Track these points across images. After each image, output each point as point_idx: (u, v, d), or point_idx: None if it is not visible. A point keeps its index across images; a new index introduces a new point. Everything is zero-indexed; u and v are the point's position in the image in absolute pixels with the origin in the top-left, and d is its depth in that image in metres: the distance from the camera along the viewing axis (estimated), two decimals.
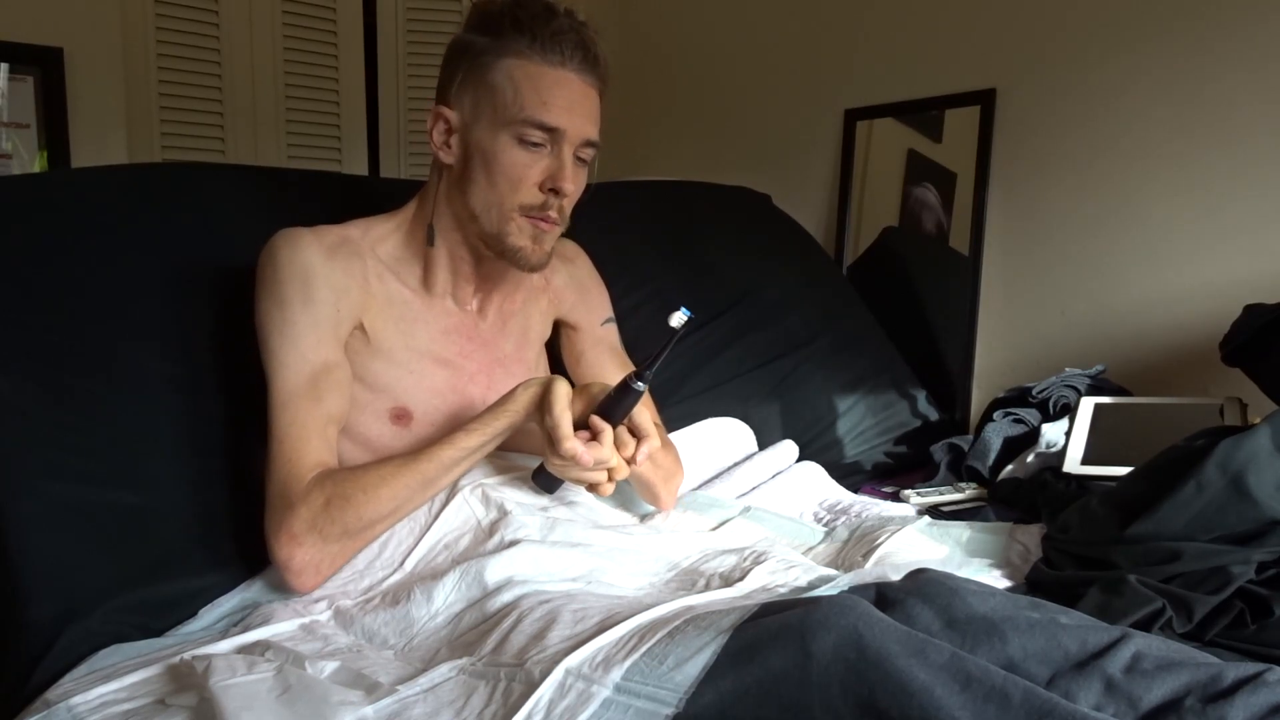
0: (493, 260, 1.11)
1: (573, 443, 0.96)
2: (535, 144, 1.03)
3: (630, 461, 1.01)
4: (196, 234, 1.19)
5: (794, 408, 1.66)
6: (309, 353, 1.01)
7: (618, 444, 1.00)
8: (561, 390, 0.97)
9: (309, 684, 0.75)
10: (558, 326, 1.28)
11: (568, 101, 1.03)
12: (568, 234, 1.31)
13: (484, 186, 1.05)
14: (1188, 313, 1.69)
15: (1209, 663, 0.69)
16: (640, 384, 1.00)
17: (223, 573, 1.01)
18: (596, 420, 0.99)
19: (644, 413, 1.03)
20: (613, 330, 1.30)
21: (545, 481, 1.06)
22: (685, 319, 0.99)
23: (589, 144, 1.07)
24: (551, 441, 0.97)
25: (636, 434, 1.02)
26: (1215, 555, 0.91)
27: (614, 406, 1.00)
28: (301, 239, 1.04)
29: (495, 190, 1.05)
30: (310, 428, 0.99)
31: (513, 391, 1.01)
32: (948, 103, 2.01)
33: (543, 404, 0.98)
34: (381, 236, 1.11)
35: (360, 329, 1.07)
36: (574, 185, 1.06)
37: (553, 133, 1.03)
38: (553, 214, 1.06)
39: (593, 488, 1.02)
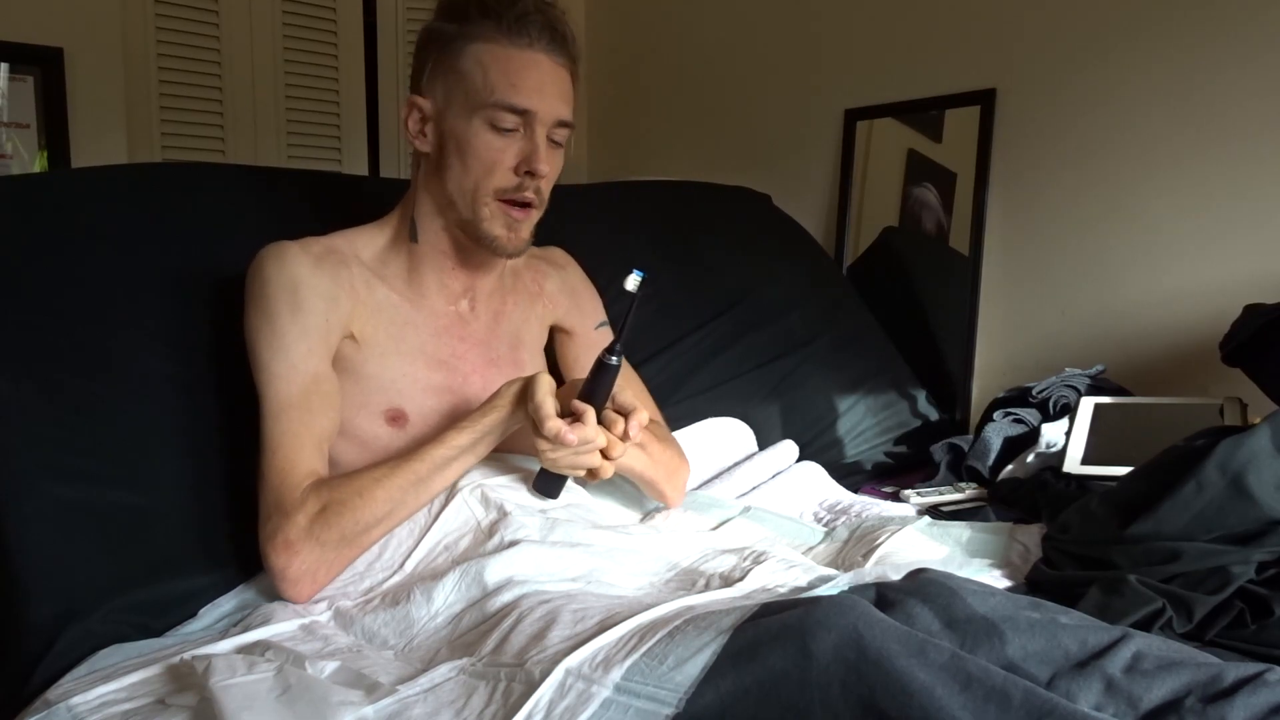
0: (474, 249, 1.11)
1: (555, 422, 0.95)
2: (508, 129, 1.04)
3: (624, 437, 1.00)
4: (196, 234, 1.19)
5: (794, 408, 1.66)
6: (300, 363, 1.01)
7: (607, 423, 1.00)
8: (543, 379, 0.98)
9: (309, 684, 0.75)
10: (553, 333, 1.28)
11: (538, 83, 1.03)
12: (559, 240, 1.31)
13: (459, 172, 1.05)
14: (1188, 313, 1.69)
15: (1209, 663, 0.69)
16: (613, 358, 0.99)
17: (223, 573, 1.02)
18: (577, 403, 0.99)
19: (625, 391, 1.03)
20: (606, 334, 1.29)
21: (546, 486, 1.05)
22: (640, 280, 0.97)
23: (562, 124, 1.07)
24: (535, 427, 0.96)
25: (622, 412, 1.02)
26: (1215, 555, 0.91)
27: (594, 388, 1.00)
28: (288, 252, 1.05)
29: (470, 175, 1.05)
30: (303, 437, 0.99)
31: (499, 389, 1.02)
32: (948, 103, 2.01)
33: (526, 391, 0.98)
34: (367, 244, 1.12)
35: (351, 337, 1.07)
36: (548, 166, 1.06)
37: (524, 115, 1.03)
38: (528, 195, 1.06)
39: (591, 475, 1.02)
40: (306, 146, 2.44)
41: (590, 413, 0.98)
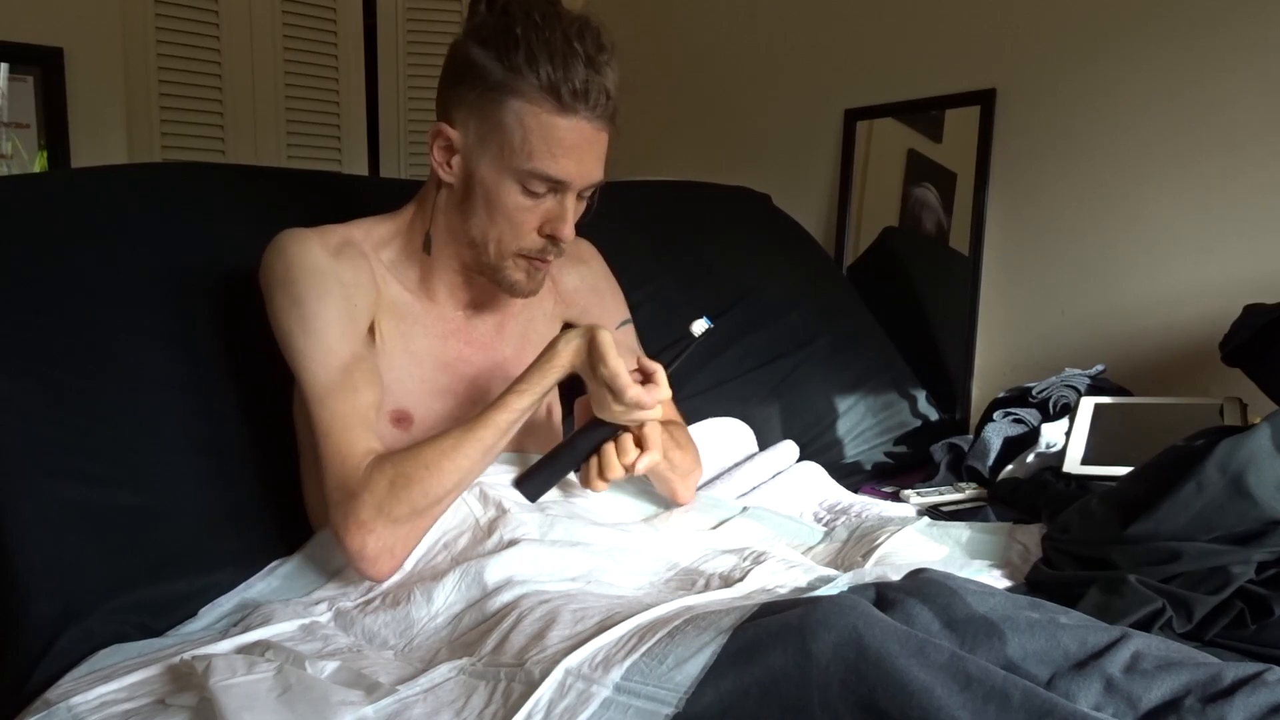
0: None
1: (637, 390, 0.97)
2: (539, 194, 1.02)
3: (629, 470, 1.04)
4: (196, 234, 1.19)
5: (794, 408, 1.66)
6: (335, 345, 1.00)
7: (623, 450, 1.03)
8: (608, 339, 0.98)
9: (309, 684, 0.75)
10: (568, 328, 1.27)
11: (577, 153, 1.00)
12: (578, 230, 1.30)
13: (483, 220, 1.04)
14: (1188, 313, 1.69)
15: (1209, 663, 0.69)
16: None
17: (223, 573, 1.01)
18: (645, 362, 1.02)
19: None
20: (630, 332, 1.28)
21: (530, 489, 1.06)
22: (706, 328, 1.02)
23: (592, 184, 1.06)
24: (613, 391, 0.98)
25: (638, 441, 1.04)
26: (1215, 555, 0.91)
27: None
28: (308, 238, 1.03)
29: (495, 227, 1.04)
30: (352, 417, 0.98)
31: (553, 347, 1.00)
32: (948, 103, 2.01)
33: (592, 354, 0.98)
34: (382, 239, 1.11)
35: (369, 330, 1.06)
36: (572, 230, 1.05)
37: (558, 183, 1.02)
38: (550, 256, 1.07)
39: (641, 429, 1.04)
40: (306, 146, 2.44)
41: (660, 371, 1.01)
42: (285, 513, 1.08)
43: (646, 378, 1.00)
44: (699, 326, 1.01)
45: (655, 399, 0.99)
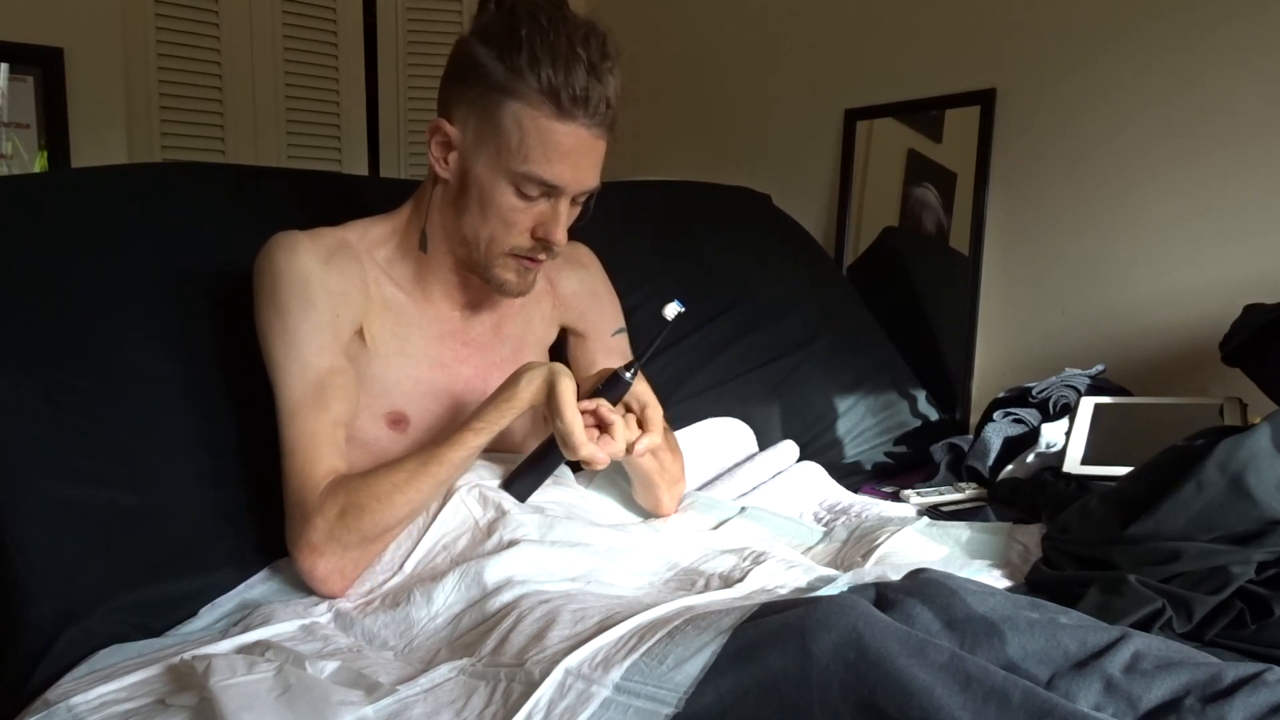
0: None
1: (590, 449, 0.96)
2: (533, 196, 1.01)
3: (629, 450, 1.01)
4: (196, 234, 1.19)
5: (794, 408, 1.66)
6: (312, 360, 1.00)
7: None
8: (568, 390, 0.96)
9: (309, 684, 0.75)
10: (564, 332, 1.27)
11: (573, 159, 1.00)
12: (575, 234, 1.31)
13: (477, 218, 1.04)
14: (1188, 313, 1.69)
15: (1209, 663, 0.69)
16: (629, 375, 1.01)
17: (223, 573, 1.01)
18: (605, 413, 0.99)
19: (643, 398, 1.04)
20: (624, 340, 1.28)
21: (519, 490, 1.05)
22: (679, 311, 1.00)
23: (586, 190, 1.05)
24: (565, 445, 0.97)
25: (640, 424, 1.03)
26: (1215, 555, 0.91)
27: (604, 397, 1.01)
28: (299, 244, 1.03)
29: (487, 226, 1.03)
30: (319, 436, 0.98)
31: (514, 382, 0.99)
32: (948, 103, 2.01)
33: (550, 404, 0.97)
34: (378, 240, 1.10)
35: (358, 334, 1.06)
36: (565, 234, 1.04)
37: (552, 188, 1.01)
38: (541, 256, 1.06)
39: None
40: (306, 146, 2.44)
41: (618, 424, 0.99)
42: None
43: (603, 428, 0.99)
44: (671, 310, 1.00)
45: (609, 453, 0.98)
